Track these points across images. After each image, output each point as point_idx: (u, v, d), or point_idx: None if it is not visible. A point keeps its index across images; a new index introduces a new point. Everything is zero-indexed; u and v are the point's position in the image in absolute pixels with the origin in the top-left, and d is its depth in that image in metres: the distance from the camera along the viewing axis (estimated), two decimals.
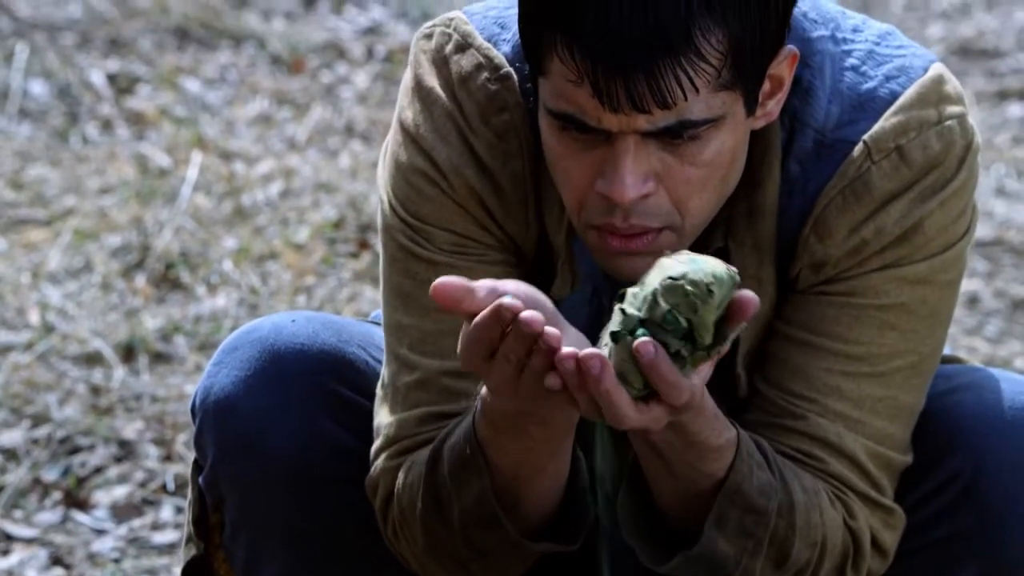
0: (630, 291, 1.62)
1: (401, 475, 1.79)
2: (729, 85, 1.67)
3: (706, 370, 1.63)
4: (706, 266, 1.60)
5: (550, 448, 1.71)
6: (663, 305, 1.59)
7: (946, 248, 1.79)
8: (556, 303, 1.74)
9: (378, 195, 1.85)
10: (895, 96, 1.77)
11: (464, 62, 1.79)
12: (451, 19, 1.82)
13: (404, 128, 1.81)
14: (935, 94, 1.78)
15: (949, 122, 1.77)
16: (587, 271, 1.81)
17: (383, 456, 1.81)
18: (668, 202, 1.70)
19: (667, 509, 1.77)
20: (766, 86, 1.73)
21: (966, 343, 3.40)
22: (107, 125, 4.24)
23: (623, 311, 1.61)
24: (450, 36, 1.80)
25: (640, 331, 1.60)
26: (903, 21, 4.97)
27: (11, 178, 3.93)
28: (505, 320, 1.57)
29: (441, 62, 1.80)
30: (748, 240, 1.78)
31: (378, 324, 1.93)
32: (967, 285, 3.59)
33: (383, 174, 1.83)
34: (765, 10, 1.67)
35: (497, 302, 1.57)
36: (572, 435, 1.72)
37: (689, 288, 1.58)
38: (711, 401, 1.68)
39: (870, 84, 1.78)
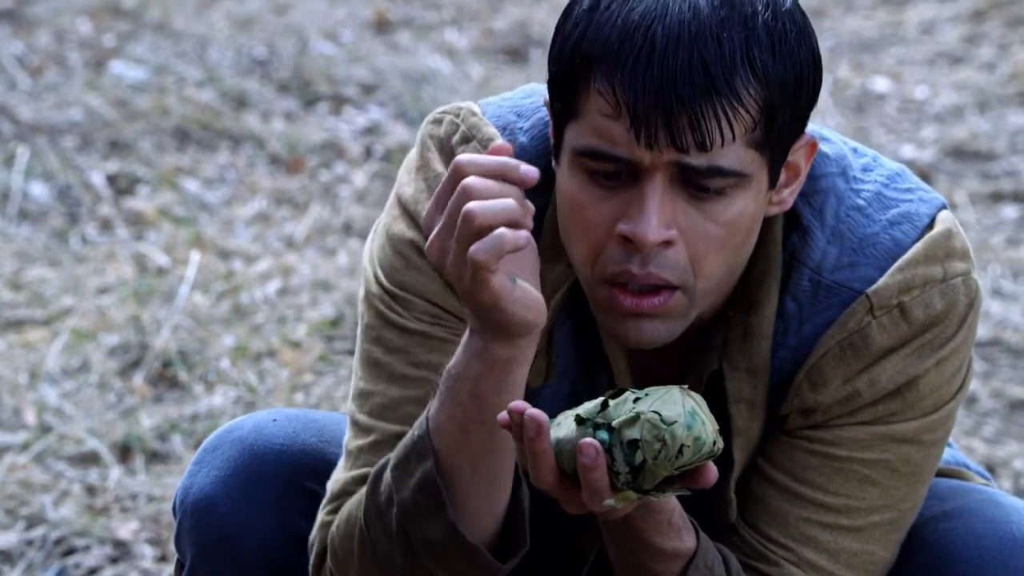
0: (628, 393, 1.62)
1: (336, 517, 1.77)
2: (760, 144, 1.68)
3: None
4: (699, 427, 1.60)
5: (491, 434, 1.68)
6: (636, 433, 1.59)
7: (937, 408, 1.78)
8: (532, 394, 1.74)
9: (363, 269, 1.85)
10: (897, 244, 1.77)
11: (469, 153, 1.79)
12: (461, 109, 1.83)
13: (402, 203, 1.82)
14: (942, 250, 1.77)
15: (954, 280, 1.77)
16: (565, 367, 1.81)
17: (322, 514, 1.80)
18: (685, 258, 1.69)
19: None
20: (783, 175, 1.74)
21: (964, 443, 3.39)
22: (106, 225, 4.26)
23: (605, 404, 1.62)
24: (457, 126, 1.82)
25: (602, 434, 1.60)
26: (897, 123, 5.01)
27: (10, 279, 3.94)
28: None
29: (449, 151, 1.81)
30: (743, 364, 1.78)
31: None
32: None
33: (371, 247, 1.84)
34: (799, 85, 1.69)
35: None
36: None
37: (666, 438, 1.59)
38: (669, 506, 1.68)
39: (873, 228, 1.77)
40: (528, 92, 1.85)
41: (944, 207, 1.81)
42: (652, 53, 1.64)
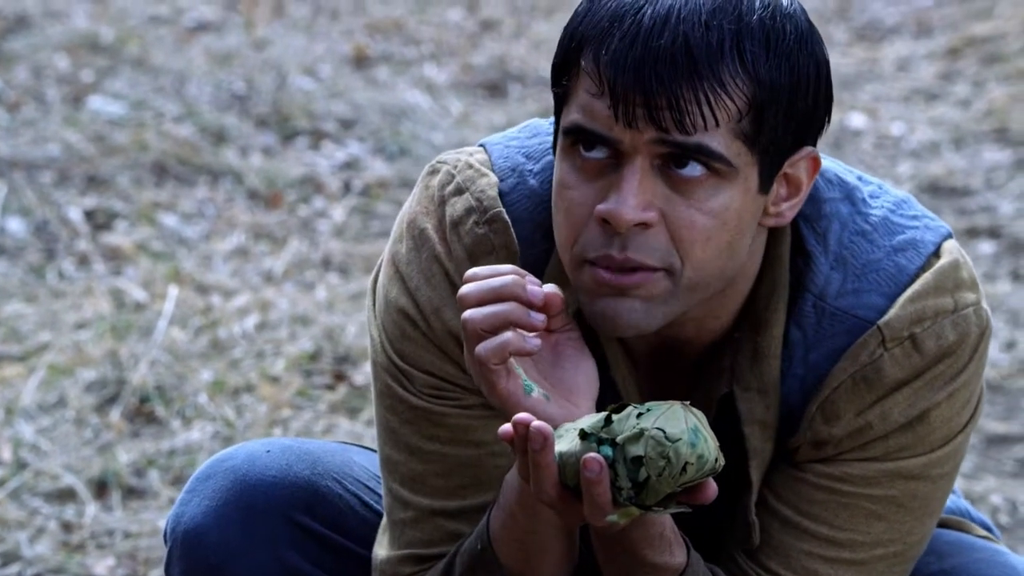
0: (631, 408, 1.63)
1: None
2: (748, 139, 1.67)
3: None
4: (702, 444, 1.60)
5: (556, 535, 1.72)
6: (640, 449, 1.60)
7: (946, 441, 1.76)
8: None
9: (367, 326, 1.86)
10: (900, 270, 1.76)
11: (459, 205, 1.80)
12: (459, 160, 1.83)
13: (394, 263, 1.83)
14: (951, 280, 1.76)
15: (965, 311, 1.75)
16: None
17: None
18: (667, 242, 1.68)
19: None
20: (783, 188, 1.72)
21: None
22: (84, 260, 4.25)
23: (608, 419, 1.62)
24: (452, 176, 1.82)
25: (606, 449, 1.60)
26: (874, 159, 5.03)
27: None
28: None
29: (439, 201, 1.81)
30: (754, 384, 1.77)
31: (362, 447, 1.95)
32: None
33: (374, 308, 1.84)
34: (795, 90, 1.68)
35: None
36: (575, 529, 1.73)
37: (670, 456, 1.59)
38: (661, 519, 1.68)
39: (876, 255, 1.76)
40: (533, 130, 1.85)
41: (949, 236, 1.80)
42: (638, 33, 1.65)
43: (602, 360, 1.78)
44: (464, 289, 1.66)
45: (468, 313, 1.64)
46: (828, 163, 1.81)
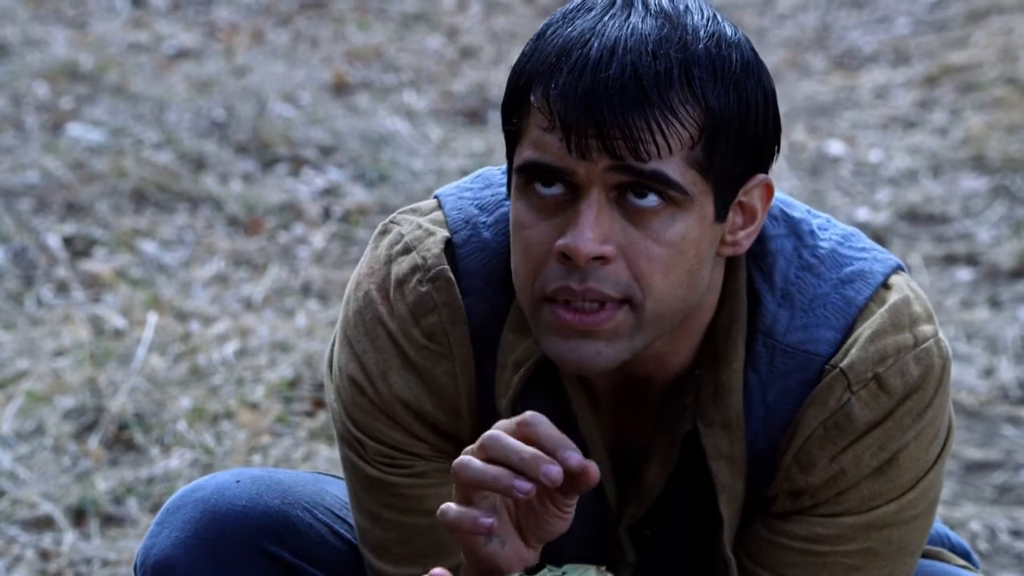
0: (545, 570, 1.62)
1: None
2: (702, 167, 1.66)
3: None
4: None
5: None
6: None
7: (915, 482, 1.76)
8: None
9: (326, 395, 1.86)
10: (848, 302, 1.75)
11: (404, 264, 1.80)
12: (411, 220, 1.83)
13: (344, 329, 1.83)
14: (907, 316, 1.75)
15: (926, 344, 1.75)
16: None
17: None
18: (627, 275, 1.68)
19: None
20: (738, 217, 1.72)
21: None
22: (62, 288, 4.25)
23: None
24: (402, 236, 1.82)
25: None
26: (852, 186, 5.05)
27: None
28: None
29: (386, 260, 1.81)
30: (717, 419, 1.76)
31: (335, 477, 1.96)
32: None
33: (331, 374, 1.84)
34: (745, 116, 1.68)
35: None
36: None
37: None
38: None
39: (823, 288, 1.76)
40: (486, 181, 1.85)
41: (899, 268, 1.79)
42: (586, 65, 1.65)
43: (566, 406, 1.78)
44: (492, 440, 1.59)
45: (462, 463, 1.60)
46: (775, 198, 1.80)
